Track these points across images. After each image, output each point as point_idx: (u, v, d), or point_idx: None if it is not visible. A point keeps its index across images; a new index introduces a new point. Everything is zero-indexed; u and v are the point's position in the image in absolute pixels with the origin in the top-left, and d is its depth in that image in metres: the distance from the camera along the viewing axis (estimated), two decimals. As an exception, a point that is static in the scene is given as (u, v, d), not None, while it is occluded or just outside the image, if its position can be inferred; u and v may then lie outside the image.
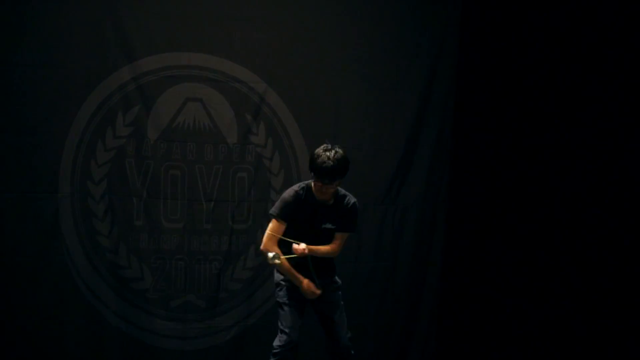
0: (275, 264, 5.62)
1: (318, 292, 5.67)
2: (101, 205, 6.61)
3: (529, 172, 7.24)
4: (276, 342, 5.63)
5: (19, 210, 6.40)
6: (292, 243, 5.58)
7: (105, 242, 6.63)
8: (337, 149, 5.53)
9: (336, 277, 5.86)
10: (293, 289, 5.69)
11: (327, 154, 5.50)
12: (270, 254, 5.57)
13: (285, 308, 5.68)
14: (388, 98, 7.26)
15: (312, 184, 5.64)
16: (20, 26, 6.37)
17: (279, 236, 5.61)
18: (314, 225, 5.65)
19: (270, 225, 5.65)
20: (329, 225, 5.67)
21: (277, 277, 5.78)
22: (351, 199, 5.75)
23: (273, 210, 5.64)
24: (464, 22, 7.44)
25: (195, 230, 6.82)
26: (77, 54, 6.49)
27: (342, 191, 5.75)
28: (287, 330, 5.61)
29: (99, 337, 6.61)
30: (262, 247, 5.66)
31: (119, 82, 6.61)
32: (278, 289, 5.75)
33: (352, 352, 5.84)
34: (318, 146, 5.66)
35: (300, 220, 5.62)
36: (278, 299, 5.74)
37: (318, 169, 5.50)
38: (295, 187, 5.70)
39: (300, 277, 5.64)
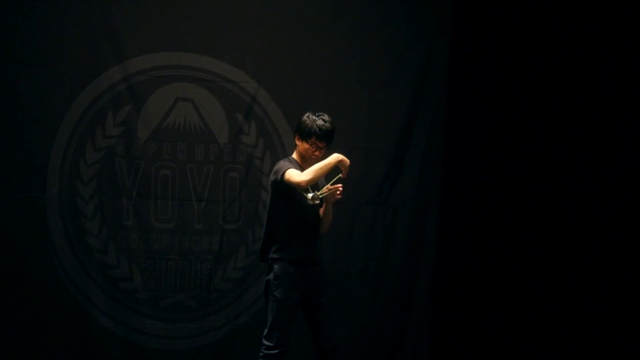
0: (316, 204, 5.46)
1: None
2: (90, 205, 6.60)
3: (522, 171, 7.24)
4: (269, 341, 5.51)
5: (7, 209, 6.38)
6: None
7: (94, 242, 6.62)
8: (324, 114, 5.65)
9: None
10: (292, 288, 5.54)
11: (322, 117, 5.62)
12: (310, 195, 5.40)
13: (282, 307, 5.52)
14: (379, 98, 7.28)
15: (300, 154, 5.66)
16: (10, 25, 6.35)
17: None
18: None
19: (291, 172, 5.44)
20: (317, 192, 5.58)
21: (277, 270, 5.55)
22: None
23: (281, 173, 5.46)
24: (456, 21, 7.45)
25: (186, 230, 6.81)
26: (68, 54, 6.48)
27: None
28: (281, 331, 5.50)
29: (88, 337, 6.59)
30: (298, 181, 5.38)
31: (109, 81, 6.60)
32: (277, 282, 5.53)
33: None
34: None
35: (297, 192, 5.50)
36: (276, 294, 5.53)
37: (321, 131, 5.57)
38: (284, 159, 5.69)
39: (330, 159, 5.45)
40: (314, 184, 5.53)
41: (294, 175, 5.46)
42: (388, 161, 7.30)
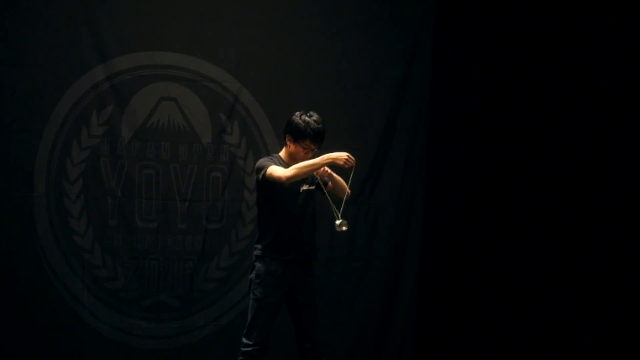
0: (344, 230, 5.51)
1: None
2: (77, 204, 6.59)
3: (506, 170, 7.28)
4: (247, 339, 5.52)
5: (-5, 209, 6.38)
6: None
7: (80, 242, 6.61)
8: (314, 113, 5.60)
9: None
10: (273, 286, 5.53)
11: (314, 118, 5.56)
12: (338, 222, 5.47)
13: (262, 306, 5.52)
14: (362, 97, 7.28)
15: (290, 154, 5.61)
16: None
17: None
18: (294, 189, 5.55)
19: (273, 169, 5.41)
20: (305, 187, 5.59)
21: (259, 268, 5.55)
22: None
23: (263, 171, 5.43)
24: (439, 21, 7.44)
25: (170, 230, 6.81)
26: (51, 53, 6.47)
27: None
28: (259, 329, 5.51)
29: (75, 336, 6.58)
30: (279, 176, 5.36)
31: (93, 81, 6.59)
32: (258, 280, 5.54)
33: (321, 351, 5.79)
34: None
35: (281, 189, 5.49)
36: (256, 293, 5.54)
37: (315, 133, 5.52)
38: (265, 156, 5.67)
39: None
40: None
41: (275, 170, 5.41)
42: (370, 161, 7.29)
